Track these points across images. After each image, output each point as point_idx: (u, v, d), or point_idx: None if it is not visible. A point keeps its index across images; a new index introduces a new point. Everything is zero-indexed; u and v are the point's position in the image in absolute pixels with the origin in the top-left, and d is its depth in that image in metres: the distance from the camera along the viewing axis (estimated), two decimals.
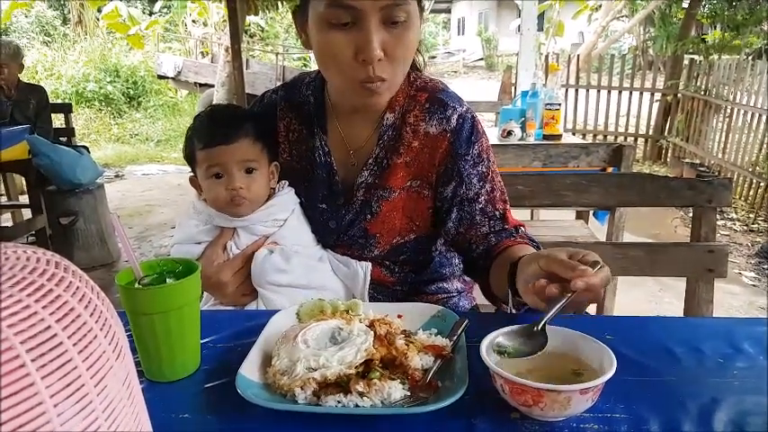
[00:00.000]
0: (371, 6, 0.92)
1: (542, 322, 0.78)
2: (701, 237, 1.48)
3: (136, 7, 17.34)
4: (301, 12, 1.03)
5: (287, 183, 1.20)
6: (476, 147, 1.13)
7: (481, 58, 25.31)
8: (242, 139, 1.12)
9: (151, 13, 17.96)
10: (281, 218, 1.16)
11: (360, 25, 0.93)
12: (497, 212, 1.16)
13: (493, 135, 3.34)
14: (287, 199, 1.18)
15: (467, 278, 1.31)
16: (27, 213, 3.94)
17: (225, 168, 1.11)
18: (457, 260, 1.27)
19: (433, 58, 28.20)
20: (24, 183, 3.94)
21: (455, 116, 1.12)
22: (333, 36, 0.95)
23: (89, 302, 0.37)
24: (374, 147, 1.14)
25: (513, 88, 5.50)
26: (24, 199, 4.03)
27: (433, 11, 31.28)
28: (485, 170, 1.15)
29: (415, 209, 1.15)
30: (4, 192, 4.90)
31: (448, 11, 32.60)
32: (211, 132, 1.12)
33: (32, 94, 4.25)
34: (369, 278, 1.16)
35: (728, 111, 6.02)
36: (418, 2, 1.00)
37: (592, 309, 1.51)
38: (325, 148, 1.16)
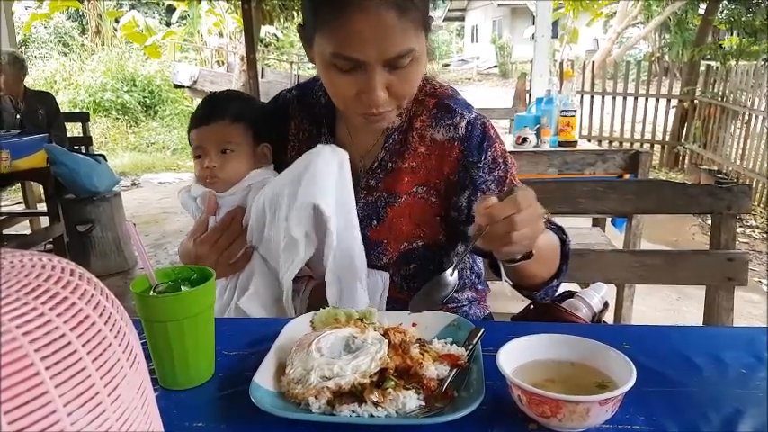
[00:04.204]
0: (376, 59, 0.92)
1: (454, 265, 0.92)
2: (721, 244, 1.46)
3: (153, 18, 17.62)
4: (306, 30, 1.01)
5: (273, 165, 1.21)
6: (488, 153, 1.11)
7: (495, 66, 25.26)
8: (219, 121, 1.16)
9: (168, 24, 18.25)
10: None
11: (364, 70, 0.94)
12: None
13: (507, 142, 3.32)
14: (263, 174, 1.18)
15: (479, 287, 1.29)
16: (45, 221, 4.00)
17: (203, 149, 1.17)
18: (469, 272, 1.26)
19: (447, 65, 28.27)
20: (42, 191, 3.99)
21: (463, 123, 1.10)
22: (337, 78, 0.96)
23: (103, 310, 0.37)
24: (379, 150, 1.13)
25: (527, 95, 5.48)
26: (42, 207, 4.09)
27: (446, 18, 31.35)
28: (502, 174, 1.13)
29: (423, 215, 1.13)
30: (22, 200, 4.98)
31: (462, 18, 32.64)
32: (196, 114, 1.21)
33: (40, 101, 4.29)
34: (387, 288, 1.14)
35: (746, 117, 5.95)
36: (425, 33, 0.97)
37: (609, 318, 1.48)
38: None
